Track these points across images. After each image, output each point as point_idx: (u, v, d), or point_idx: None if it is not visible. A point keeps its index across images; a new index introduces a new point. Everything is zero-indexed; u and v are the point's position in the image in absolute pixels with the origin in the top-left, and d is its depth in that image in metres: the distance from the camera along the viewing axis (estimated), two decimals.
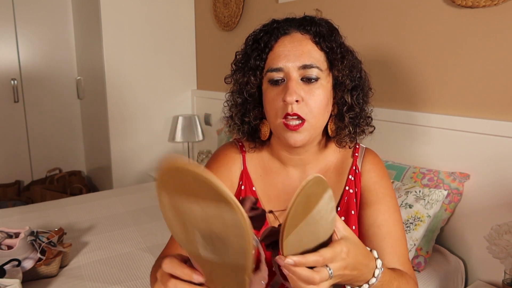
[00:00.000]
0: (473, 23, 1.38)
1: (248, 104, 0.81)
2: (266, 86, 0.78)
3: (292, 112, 0.72)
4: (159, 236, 1.67)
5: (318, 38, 0.76)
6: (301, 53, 0.74)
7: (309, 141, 0.77)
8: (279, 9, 2.20)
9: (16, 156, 3.17)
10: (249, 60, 0.79)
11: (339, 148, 0.85)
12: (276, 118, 0.75)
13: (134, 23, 2.75)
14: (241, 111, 0.82)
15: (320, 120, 0.76)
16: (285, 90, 0.73)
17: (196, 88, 3.12)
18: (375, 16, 1.71)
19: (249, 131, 0.83)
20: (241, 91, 0.81)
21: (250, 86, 0.79)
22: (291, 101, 0.72)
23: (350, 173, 0.85)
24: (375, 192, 0.83)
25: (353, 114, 0.79)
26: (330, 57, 0.76)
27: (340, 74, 0.77)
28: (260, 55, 0.77)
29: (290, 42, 0.76)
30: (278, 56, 0.75)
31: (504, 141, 1.31)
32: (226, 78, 0.86)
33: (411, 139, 1.59)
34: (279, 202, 0.84)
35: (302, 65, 0.74)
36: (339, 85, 0.78)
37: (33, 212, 1.91)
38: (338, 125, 0.80)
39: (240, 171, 0.86)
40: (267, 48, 0.77)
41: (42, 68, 3.17)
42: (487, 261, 1.38)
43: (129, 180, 2.93)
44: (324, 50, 0.76)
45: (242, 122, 0.82)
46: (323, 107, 0.76)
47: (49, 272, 1.33)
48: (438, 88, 1.52)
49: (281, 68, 0.74)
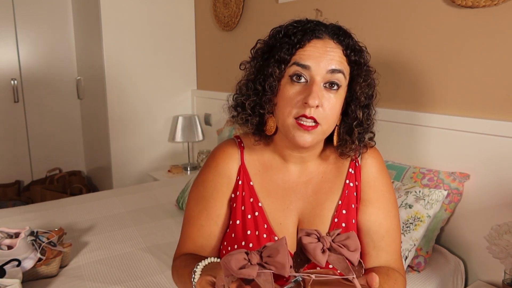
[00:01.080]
0: (473, 23, 1.38)
1: (264, 96, 0.78)
2: (285, 81, 0.77)
3: (310, 115, 0.73)
4: (159, 236, 1.67)
5: (349, 51, 0.77)
6: (332, 58, 0.75)
7: (315, 145, 0.80)
8: (279, 9, 2.20)
9: (16, 156, 3.17)
10: (276, 52, 0.77)
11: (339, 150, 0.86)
12: (289, 116, 0.75)
13: (134, 23, 2.75)
14: (255, 101, 0.79)
15: (330, 127, 0.78)
16: (307, 92, 0.73)
17: (196, 88, 3.12)
18: (375, 16, 1.71)
19: (258, 124, 0.82)
20: (259, 81, 0.78)
21: (273, 78, 0.77)
22: (313, 105, 0.72)
23: (350, 166, 0.87)
24: (375, 189, 0.86)
25: (361, 130, 0.81)
26: (355, 72, 0.78)
27: (360, 91, 0.78)
28: (290, 49, 0.76)
29: (323, 47, 0.75)
30: (309, 55, 0.75)
31: (504, 141, 1.31)
32: (241, 64, 0.84)
33: (411, 139, 1.59)
34: (277, 197, 0.85)
35: (331, 69, 0.74)
36: (354, 100, 0.79)
37: (33, 212, 1.92)
38: (345, 137, 0.81)
39: (238, 166, 0.87)
40: (299, 45, 0.76)
41: (42, 68, 3.17)
42: (487, 261, 1.38)
43: (129, 180, 2.93)
44: (351, 64, 0.78)
45: (253, 113, 0.80)
46: (336, 116, 0.77)
47: (49, 272, 1.33)
48: (438, 88, 1.51)
49: (309, 66, 0.74)
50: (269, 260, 0.53)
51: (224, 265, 0.53)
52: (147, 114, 2.93)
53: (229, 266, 0.52)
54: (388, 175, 0.89)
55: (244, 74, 0.83)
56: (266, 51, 0.80)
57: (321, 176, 0.86)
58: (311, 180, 0.86)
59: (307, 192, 0.85)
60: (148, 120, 2.95)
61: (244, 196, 0.85)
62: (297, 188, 0.85)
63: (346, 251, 0.56)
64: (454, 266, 1.41)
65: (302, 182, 0.86)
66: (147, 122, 2.95)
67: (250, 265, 0.52)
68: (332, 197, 0.85)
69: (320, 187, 0.85)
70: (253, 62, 0.82)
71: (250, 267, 0.51)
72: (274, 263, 0.52)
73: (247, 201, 0.84)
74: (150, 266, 1.43)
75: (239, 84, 0.84)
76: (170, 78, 2.99)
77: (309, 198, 0.85)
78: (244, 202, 0.84)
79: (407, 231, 1.32)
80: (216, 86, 2.86)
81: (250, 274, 0.51)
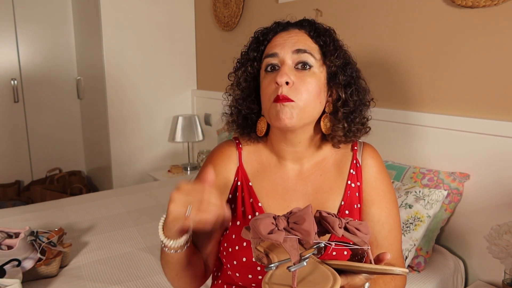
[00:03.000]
0: (473, 23, 1.38)
1: (248, 97, 0.83)
2: (263, 75, 0.81)
3: (281, 94, 0.75)
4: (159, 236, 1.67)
5: (313, 33, 0.81)
6: (296, 41, 0.79)
7: (299, 125, 0.77)
8: (279, 9, 2.20)
9: (16, 156, 3.17)
10: (248, 53, 0.84)
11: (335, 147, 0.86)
12: (268, 102, 0.78)
13: (134, 23, 2.75)
14: (238, 101, 0.85)
15: (309, 107, 0.77)
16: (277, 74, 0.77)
17: (196, 88, 3.12)
18: (375, 16, 1.71)
19: (244, 124, 0.85)
20: (238, 82, 0.84)
21: (246, 74, 0.83)
22: (281, 82, 0.75)
23: (351, 167, 0.87)
24: (377, 189, 0.86)
25: (347, 110, 0.80)
26: (323, 50, 0.80)
27: (332, 65, 0.80)
28: (259, 47, 0.82)
29: (287, 34, 0.81)
30: (275, 45, 0.80)
31: (504, 141, 1.31)
32: (229, 75, 0.89)
33: (411, 139, 1.59)
34: (277, 197, 0.85)
35: (296, 49, 0.78)
36: (333, 79, 0.81)
37: (33, 212, 1.92)
38: (333, 122, 0.81)
39: (236, 167, 0.87)
40: (266, 41, 0.82)
41: (42, 68, 3.17)
42: (487, 261, 1.38)
43: (129, 180, 2.93)
44: (318, 43, 0.80)
45: (238, 114, 0.85)
46: (314, 95, 0.77)
47: (49, 272, 1.33)
48: (438, 88, 1.52)
49: (276, 53, 0.78)
50: (295, 227, 0.57)
51: (253, 228, 0.57)
52: (147, 114, 2.94)
53: (258, 230, 0.56)
54: (388, 175, 0.90)
55: (232, 83, 0.88)
56: (243, 57, 0.86)
57: (319, 175, 0.86)
58: (309, 178, 0.86)
59: (307, 191, 0.85)
60: (148, 120, 2.95)
61: (244, 197, 0.85)
62: (296, 187, 0.85)
63: (359, 232, 0.60)
64: (454, 266, 1.41)
65: (301, 181, 0.86)
66: (147, 122, 2.95)
67: (277, 230, 0.56)
68: (333, 196, 0.85)
69: (320, 186, 0.85)
70: (236, 71, 0.87)
71: (277, 232, 0.56)
72: (300, 230, 0.56)
73: (247, 202, 0.84)
74: (150, 266, 1.43)
75: (226, 89, 0.89)
76: (170, 78, 2.99)
77: (309, 196, 0.85)
78: (244, 203, 0.85)
79: (407, 231, 1.32)
80: (216, 86, 2.86)
81: (277, 240, 0.55)
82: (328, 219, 0.60)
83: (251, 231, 0.59)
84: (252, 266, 0.80)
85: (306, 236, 0.56)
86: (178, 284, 0.83)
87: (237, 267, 0.81)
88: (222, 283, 0.89)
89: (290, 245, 0.55)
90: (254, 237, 0.58)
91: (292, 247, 0.55)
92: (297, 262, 0.54)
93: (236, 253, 0.81)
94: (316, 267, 0.57)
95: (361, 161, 0.87)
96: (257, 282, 0.81)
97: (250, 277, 0.80)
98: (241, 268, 0.81)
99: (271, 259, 0.59)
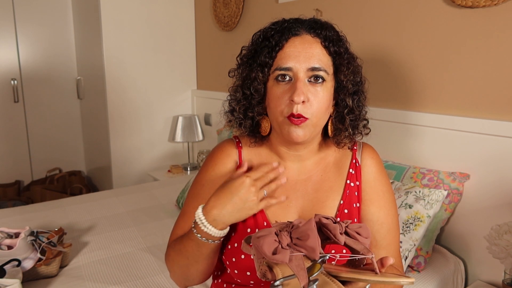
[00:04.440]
0: (473, 23, 1.38)
1: (253, 100, 0.82)
2: (272, 83, 0.80)
3: (297, 113, 0.75)
4: (159, 236, 1.67)
5: (328, 43, 0.79)
6: (311, 56, 0.77)
7: (309, 139, 0.80)
8: (279, 9, 2.20)
9: (16, 156, 3.17)
10: (258, 56, 0.80)
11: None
12: (280, 115, 0.77)
13: (134, 23, 2.75)
14: (245, 105, 0.83)
15: (321, 120, 0.79)
16: (292, 90, 0.75)
17: (196, 88, 3.12)
18: (375, 16, 1.71)
19: (251, 126, 0.85)
20: (247, 86, 0.82)
21: (257, 82, 0.80)
22: (298, 101, 0.74)
23: (351, 166, 0.88)
24: (376, 189, 0.87)
25: (353, 117, 0.82)
26: (337, 62, 0.79)
27: (345, 79, 0.80)
28: (270, 53, 0.79)
29: (301, 44, 0.78)
30: (288, 56, 0.77)
31: (504, 141, 1.31)
32: (230, 72, 0.87)
33: (411, 139, 1.59)
34: (276, 195, 0.85)
35: (311, 67, 0.76)
36: (342, 89, 0.81)
37: (33, 212, 1.92)
38: (338, 126, 0.82)
39: (236, 166, 0.88)
40: (278, 47, 0.78)
41: (42, 68, 3.17)
42: (487, 261, 1.38)
43: (129, 180, 2.93)
44: (332, 54, 0.79)
45: (245, 117, 0.84)
46: (325, 108, 0.78)
47: (49, 272, 1.33)
48: (438, 88, 1.51)
49: (290, 68, 0.77)
50: (299, 243, 0.56)
51: (257, 248, 0.56)
52: (147, 114, 2.93)
53: (261, 250, 0.55)
54: (387, 176, 0.91)
55: (234, 80, 0.86)
56: (250, 57, 0.82)
57: (320, 175, 0.87)
58: (310, 178, 0.86)
59: (307, 190, 0.86)
60: (148, 120, 2.95)
61: None
62: (296, 186, 0.86)
63: (359, 236, 0.60)
64: (454, 266, 1.41)
65: (302, 180, 0.86)
66: (147, 122, 2.95)
67: (281, 248, 0.55)
68: (332, 196, 0.85)
69: (320, 186, 0.86)
70: (239, 69, 0.85)
71: (282, 251, 0.54)
72: (304, 246, 0.55)
73: None
74: (150, 266, 1.43)
75: (229, 90, 0.87)
76: (170, 78, 2.99)
77: (309, 196, 0.85)
78: None
79: (407, 231, 1.32)
80: (216, 86, 2.86)
81: (283, 260, 0.54)
82: (329, 226, 0.60)
83: (255, 250, 0.57)
84: (250, 264, 0.80)
85: (311, 253, 0.55)
86: (189, 272, 0.84)
87: (236, 264, 0.82)
88: (222, 282, 0.90)
89: (296, 265, 0.54)
90: (258, 257, 0.57)
91: (298, 267, 0.53)
92: (306, 286, 0.52)
93: (235, 250, 0.82)
94: (325, 283, 0.55)
95: (361, 161, 0.88)
96: (256, 280, 0.81)
97: (249, 274, 0.81)
98: (240, 265, 0.81)
99: (275, 273, 0.58)
